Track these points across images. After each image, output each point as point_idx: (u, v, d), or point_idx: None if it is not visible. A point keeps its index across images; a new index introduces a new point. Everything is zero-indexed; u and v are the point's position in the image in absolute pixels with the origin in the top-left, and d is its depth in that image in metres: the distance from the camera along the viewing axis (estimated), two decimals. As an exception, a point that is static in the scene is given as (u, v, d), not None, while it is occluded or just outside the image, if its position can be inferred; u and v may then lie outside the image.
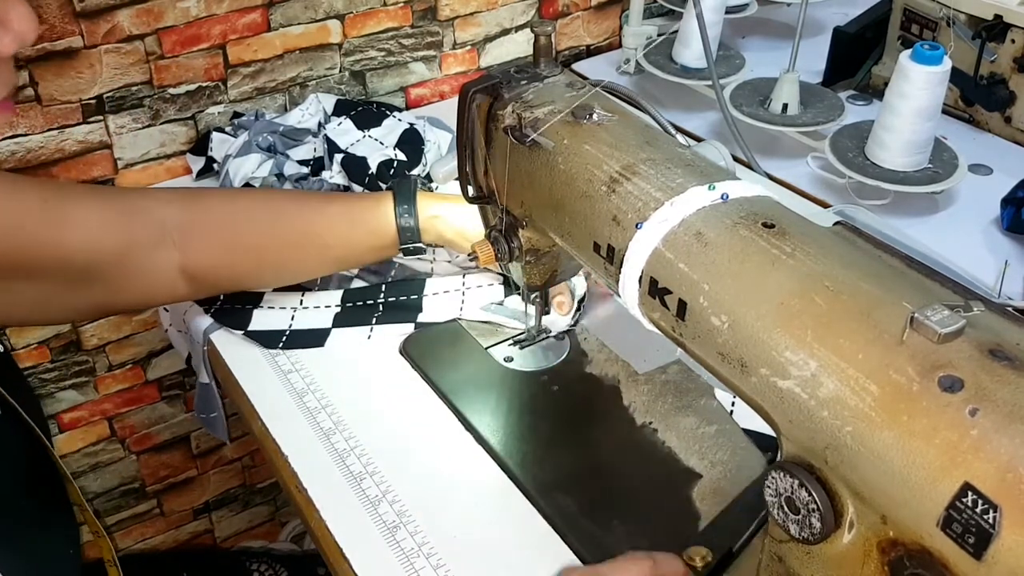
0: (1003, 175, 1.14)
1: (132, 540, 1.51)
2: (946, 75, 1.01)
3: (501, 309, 0.94)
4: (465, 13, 1.33)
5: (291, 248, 0.88)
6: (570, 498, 0.75)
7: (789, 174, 1.17)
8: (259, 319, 0.92)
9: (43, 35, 1.05)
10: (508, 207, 0.75)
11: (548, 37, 0.72)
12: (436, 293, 0.94)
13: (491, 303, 0.94)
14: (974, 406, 0.42)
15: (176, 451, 1.46)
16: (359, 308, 0.93)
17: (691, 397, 0.84)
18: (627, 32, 1.37)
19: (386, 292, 0.94)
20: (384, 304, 0.93)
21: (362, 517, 0.74)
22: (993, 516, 0.40)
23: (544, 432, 0.83)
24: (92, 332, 1.27)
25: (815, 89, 1.22)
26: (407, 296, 0.94)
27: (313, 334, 0.91)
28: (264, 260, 0.88)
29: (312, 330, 0.91)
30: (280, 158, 1.10)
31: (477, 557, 0.71)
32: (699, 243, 0.55)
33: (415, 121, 1.17)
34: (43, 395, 1.28)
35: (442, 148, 1.16)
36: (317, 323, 0.92)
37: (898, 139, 1.05)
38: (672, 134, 0.70)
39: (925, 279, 0.55)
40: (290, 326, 0.92)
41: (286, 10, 1.18)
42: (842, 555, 0.49)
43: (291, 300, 0.94)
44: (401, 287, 0.94)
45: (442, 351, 0.90)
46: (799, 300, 0.50)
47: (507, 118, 0.70)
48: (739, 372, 0.53)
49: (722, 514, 0.73)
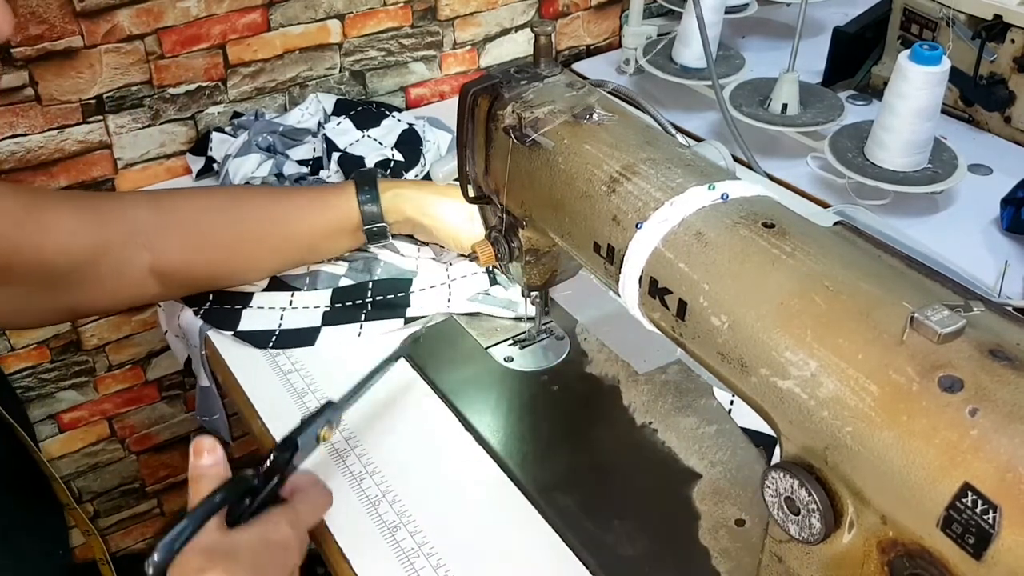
0: (1003, 175, 1.14)
1: (132, 540, 1.51)
2: (945, 75, 1.01)
3: (488, 299, 0.94)
4: (465, 13, 1.33)
5: (259, 241, 0.90)
6: (570, 498, 0.75)
7: (789, 174, 1.17)
8: (248, 319, 0.92)
9: (43, 35, 1.05)
10: (508, 207, 0.75)
11: (548, 37, 0.72)
12: (423, 289, 0.95)
13: (477, 293, 0.94)
14: (974, 406, 0.42)
15: (176, 451, 1.46)
16: (348, 307, 0.93)
17: (691, 397, 0.84)
18: (627, 32, 1.37)
19: (373, 290, 0.94)
20: (372, 303, 0.94)
21: (362, 517, 0.74)
22: (993, 516, 0.40)
23: (544, 432, 0.83)
24: (92, 332, 1.27)
25: (815, 89, 1.22)
26: (394, 294, 0.94)
27: (303, 333, 0.91)
28: (234, 255, 0.89)
29: (302, 329, 0.92)
30: (280, 158, 1.11)
31: (477, 557, 0.71)
32: (699, 243, 0.55)
33: (414, 121, 1.17)
34: (43, 395, 1.28)
35: (441, 148, 1.16)
36: (307, 322, 0.92)
37: (898, 139, 1.05)
38: (672, 134, 0.70)
39: (925, 279, 0.55)
40: (279, 325, 0.92)
41: (286, 10, 1.18)
42: (842, 555, 0.49)
43: (280, 300, 0.94)
44: (388, 284, 0.95)
45: (442, 351, 0.90)
46: (799, 300, 0.50)
47: (507, 118, 0.70)
48: (739, 372, 0.53)
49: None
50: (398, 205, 0.91)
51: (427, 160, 1.13)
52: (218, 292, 0.94)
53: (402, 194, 0.91)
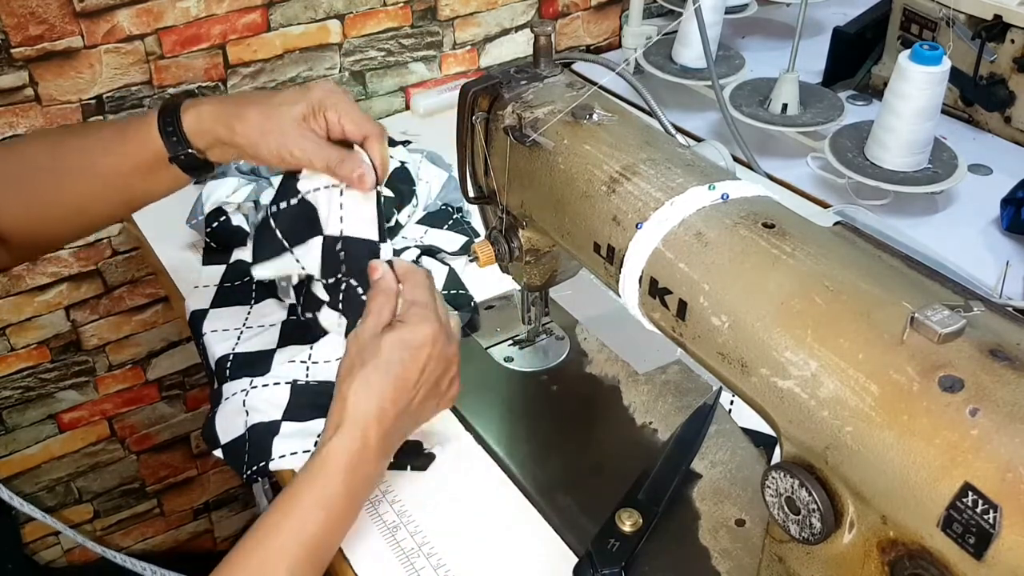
0: (1003, 175, 1.14)
1: (132, 540, 1.51)
2: (945, 75, 1.01)
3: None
4: (465, 13, 1.33)
5: (80, 185, 0.82)
6: (570, 498, 0.75)
7: (789, 174, 1.17)
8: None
9: (43, 35, 1.05)
10: (508, 207, 0.75)
11: (548, 37, 0.72)
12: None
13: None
14: (974, 406, 0.42)
15: (176, 451, 1.46)
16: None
17: (691, 397, 0.84)
18: (627, 32, 1.37)
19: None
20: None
21: (362, 517, 0.74)
22: (993, 516, 0.40)
23: (544, 432, 0.83)
24: (92, 332, 1.27)
25: (815, 89, 1.22)
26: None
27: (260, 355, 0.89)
28: (62, 205, 0.83)
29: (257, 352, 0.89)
30: (262, 182, 1.04)
31: (477, 557, 0.71)
32: (699, 243, 0.55)
33: (408, 160, 1.08)
34: (43, 395, 1.28)
35: (433, 189, 1.08)
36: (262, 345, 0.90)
37: (898, 139, 1.05)
38: (672, 134, 0.70)
39: (925, 279, 0.55)
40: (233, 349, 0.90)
41: (286, 10, 1.18)
42: (842, 555, 0.49)
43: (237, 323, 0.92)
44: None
45: (442, 351, 0.90)
46: (799, 300, 0.50)
47: (507, 118, 0.70)
48: (739, 372, 0.53)
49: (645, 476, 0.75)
50: (203, 128, 0.78)
51: (418, 201, 1.06)
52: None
53: (204, 113, 0.77)
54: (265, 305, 0.95)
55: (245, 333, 0.91)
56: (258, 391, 0.83)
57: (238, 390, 0.84)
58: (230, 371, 0.86)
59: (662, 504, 0.72)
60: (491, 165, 0.74)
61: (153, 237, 1.08)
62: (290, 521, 0.65)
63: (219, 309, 0.95)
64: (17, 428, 1.29)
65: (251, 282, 0.97)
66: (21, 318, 1.21)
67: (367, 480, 0.69)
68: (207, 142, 0.78)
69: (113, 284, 1.25)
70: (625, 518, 0.70)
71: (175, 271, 1.03)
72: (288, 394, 0.83)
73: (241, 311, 0.95)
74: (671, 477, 0.74)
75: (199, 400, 1.43)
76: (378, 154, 0.76)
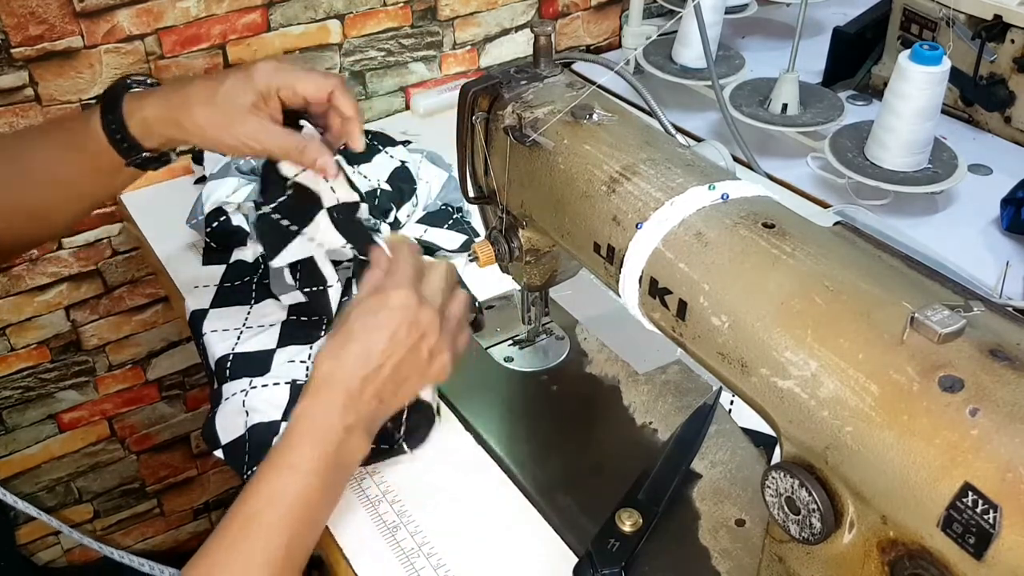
0: (1003, 175, 1.14)
1: (132, 540, 1.51)
2: (945, 75, 1.01)
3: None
4: (465, 13, 1.33)
5: (43, 192, 0.81)
6: (570, 498, 0.75)
7: (789, 174, 1.17)
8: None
9: (43, 35, 1.05)
10: (508, 207, 0.75)
11: (548, 37, 0.72)
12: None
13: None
14: (974, 406, 0.42)
15: (176, 451, 1.46)
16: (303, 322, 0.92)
17: (691, 397, 0.84)
18: (627, 32, 1.37)
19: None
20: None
21: (362, 517, 0.74)
22: (993, 516, 0.40)
23: (544, 432, 0.83)
24: (92, 332, 1.27)
25: (815, 89, 1.23)
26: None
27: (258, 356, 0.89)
28: (24, 214, 0.82)
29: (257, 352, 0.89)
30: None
31: (477, 557, 0.71)
32: (699, 243, 0.55)
33: (408, 159, 1.09)
34: (43, 395, 1.28)
35: (433, 190, 1.08)
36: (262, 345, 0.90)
37: (898, 139, 1.05)
38: (672, 134, 0.70)
39: (925, 279, 0.55)
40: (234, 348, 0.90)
41: (286, 10, 1.18)
42: (842, 555, 0.49)
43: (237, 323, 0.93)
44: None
45: (442, 351, 0.90)
46: (799, 300, 0.50)
47: (507, 118, 0.70)
48: (739, 372, 0.53)
49: (645, 476, 0.75)
50: (152, 132, 0.76)
51: (418, 200, 1.06)
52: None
53: (150, 118, 0.75)
54: (265, 305, 0.95)
55: (245, 333, 0.91)
56: (258, 391, 0.83)
57: (238, 390, 0.84)
58: (230, 371, 0.86)
59: (662, 504, 0.72)
60: (491, 165, 0.74)
61: (153, 237, 1.08)
62: (260, 485, 0.66)
63: (219, 309, 0.95)
64: (17, 428, 1.29)
65: (251, 282, 0.97)
66: (21, 318, 1.21)
67: (338, 443, 0.66)
68: (159, 142, 0.77)
69: (113, 284, 1.25)
70: (625, 518, 0.70)
71: (175, 271, 1.03)
72: (288, 394, 0.83)
73: (241, 311, 0.95)
74: (671, 477, 0.74)
75: (199, 400, 1.43)
76: (348, 102, 0.76)
